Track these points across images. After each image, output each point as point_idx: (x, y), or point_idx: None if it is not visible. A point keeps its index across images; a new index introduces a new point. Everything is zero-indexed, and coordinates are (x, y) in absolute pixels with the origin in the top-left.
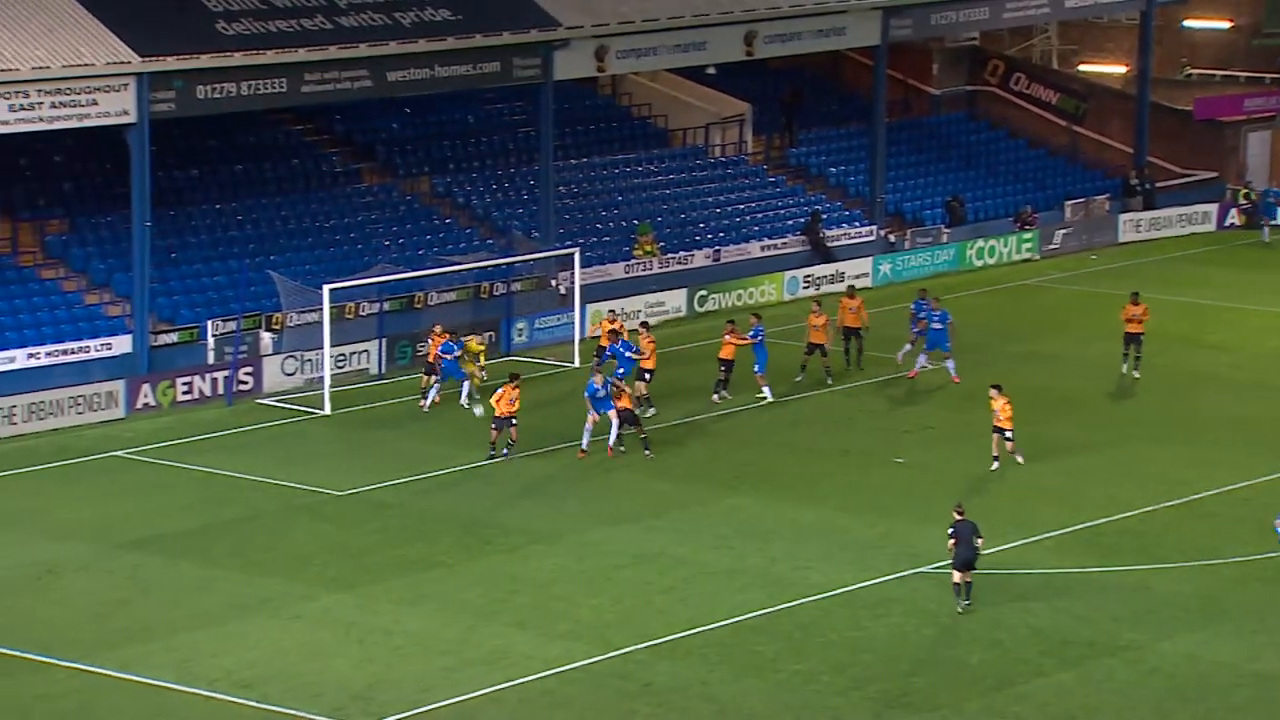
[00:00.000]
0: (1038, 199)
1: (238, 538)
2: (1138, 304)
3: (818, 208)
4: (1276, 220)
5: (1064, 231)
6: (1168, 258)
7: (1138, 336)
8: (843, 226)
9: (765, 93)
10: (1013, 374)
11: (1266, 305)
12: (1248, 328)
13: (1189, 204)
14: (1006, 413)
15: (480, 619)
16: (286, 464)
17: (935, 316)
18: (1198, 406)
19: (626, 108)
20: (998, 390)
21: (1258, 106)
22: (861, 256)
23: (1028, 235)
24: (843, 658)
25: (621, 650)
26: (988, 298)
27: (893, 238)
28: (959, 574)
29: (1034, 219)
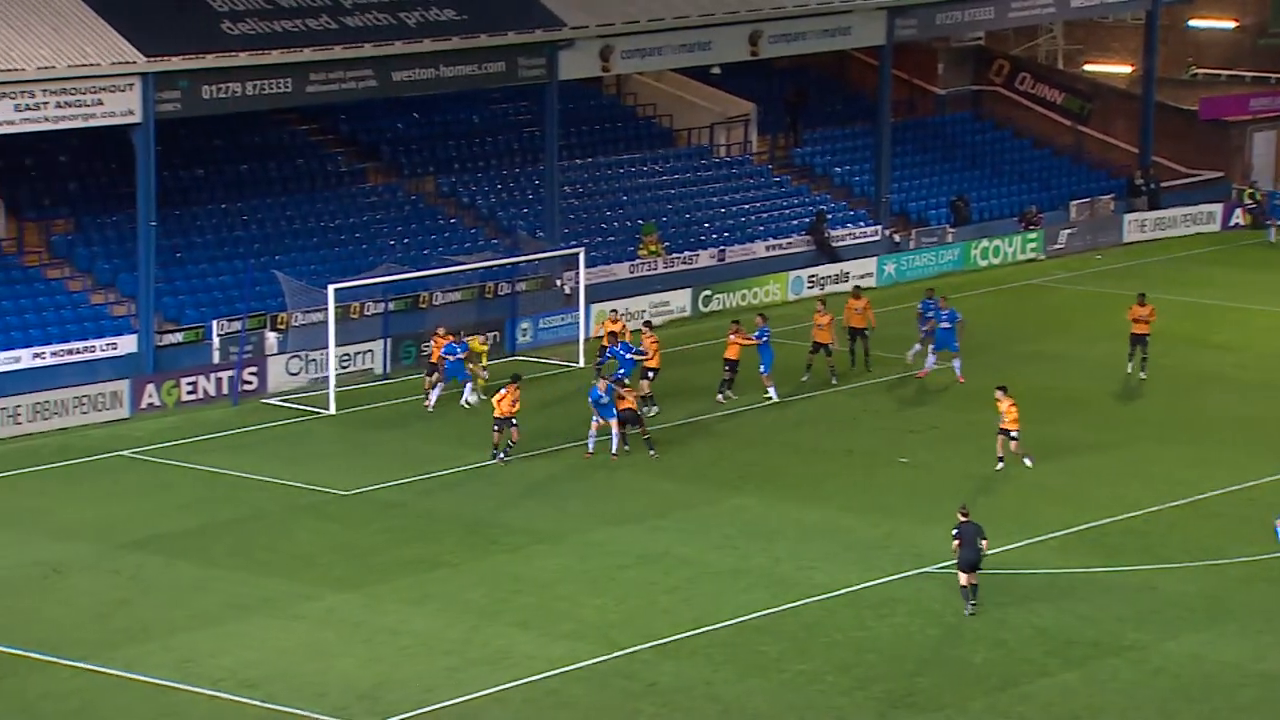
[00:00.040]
0: (1043, 199)
1: (242, 537)
2: (1144, 305)
3: (823, 208)
4: None
5: (1069, 231)
6: (1172, 258)
7: (1144, 338)
8: (847, 226)
9: (770, 93)
10: (1017, 374)
11: (1272, 305)
12: (1253, 328)
13: (1194, 204)
14: (1012, 414)
15: (484, 619)
16: (291, 464)
17: (944, 316)
18: (1203, 407)
19: (631, 107)
20: (1003, 392)
21: (1263, 106)
22: (866, 256)
23: (1032, 235)
24: (847, 658)
25: (626, 650)
26: (992, 298)
27: (897, 238)
28: (964, 576)
29: (1039, 219)
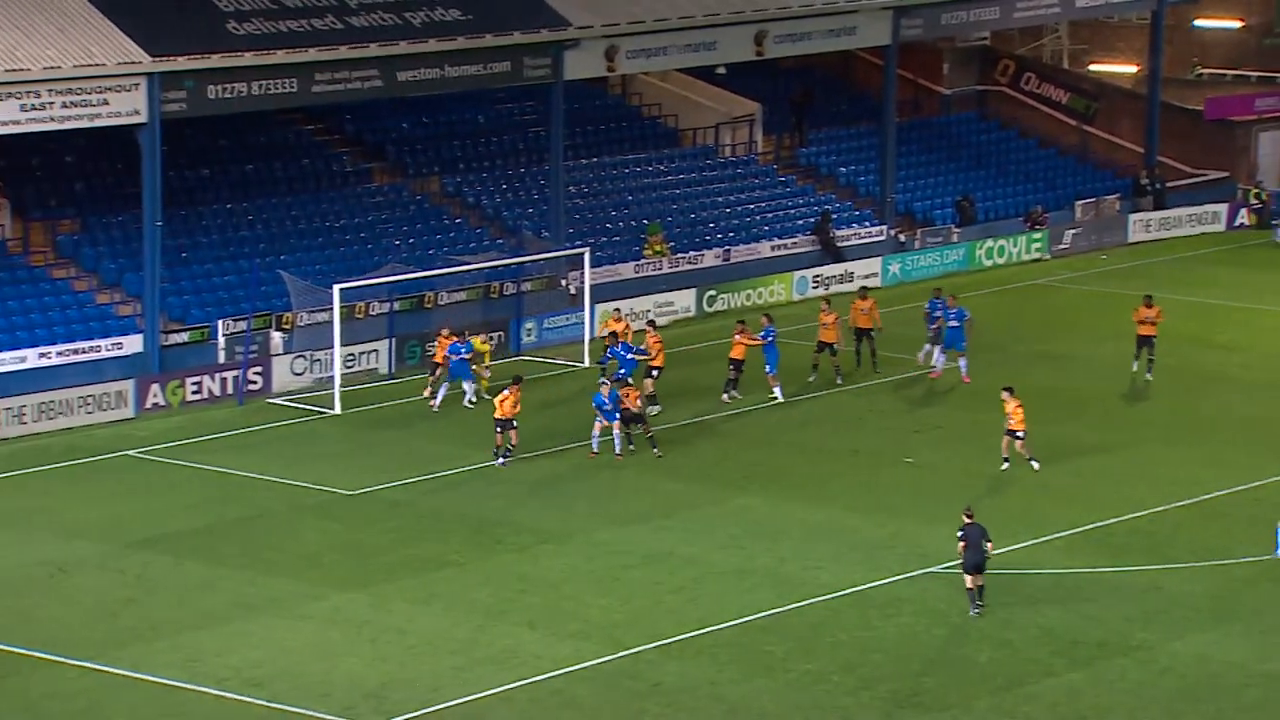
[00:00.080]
0: (1048, 199)
1: (247, 537)
2: (1151, 306)
3: (828, 207)
4: None
5: (1074, 231)
6: (1177, 258)
7: (1150, 339)
8: (853, 226)
9: (775, 93)
10: (1022, 374)
11: (1277, 305)
12: (1258, 328)
13: (1199, 204)
14: (1018, 415)
15: (490, 618)
16: (296, 463)
17: (951, 314)
18: (1208, 407)
19: (637, 107)
20: (1009, 393)
21: (1269, 106)
22: (871, 256)
23: (1037, 235)
24: (852, 657)
25: (631, 650)
26: (997, 298)
27: (903, 237)
28: (970, 579)
29: (1044, 219)
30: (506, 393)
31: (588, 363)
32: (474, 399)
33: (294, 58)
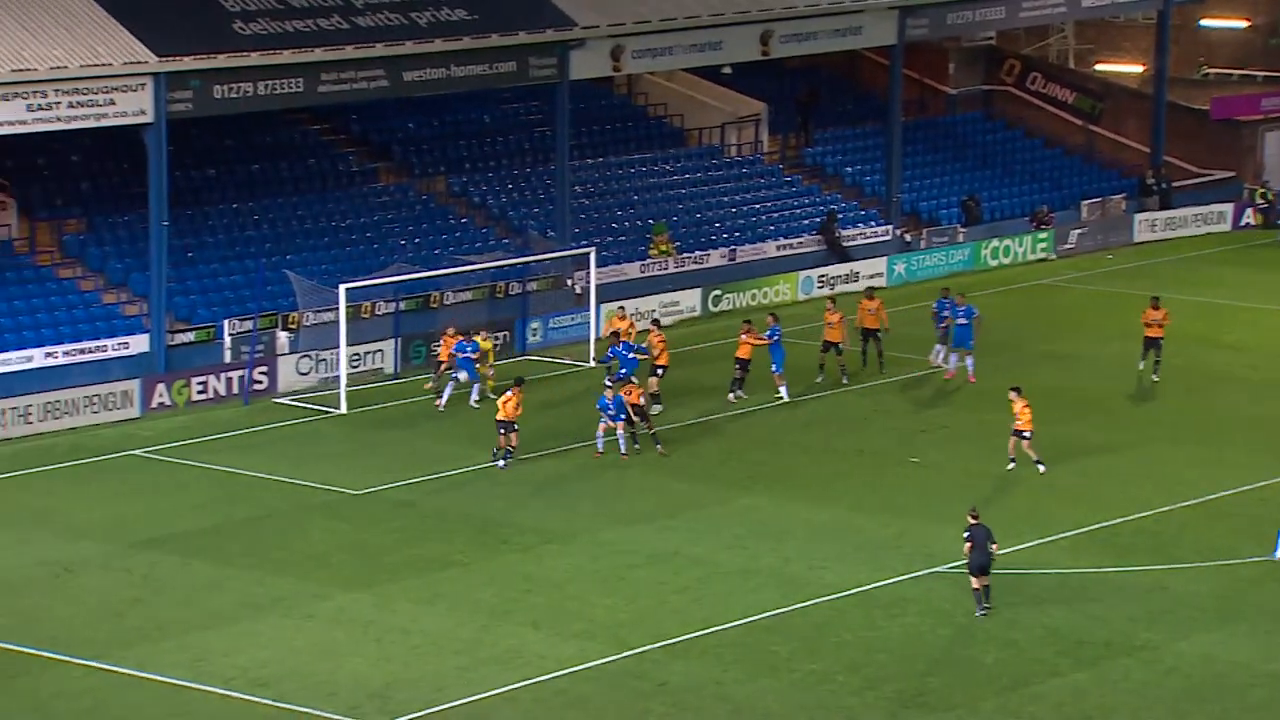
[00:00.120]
0: (1054, 199)
1: (253, 537)
2: (1158, 308)
3: (833, 207)
4: None
5: (1080, 231)
6: (1183, 258)
7: (1157, 341)
8: (858, 226)
9: (781, 92)
10: (1028, 374)
11: None
12: (1264, 328)
13: (1205, 204)
14: (1026, 415)
15: (495, 618)
16: (302, 463)
17: (960, 312)
18: (1214, 406)
19: (642, 107)
20: (1017, 392)
21: (1275, 106)
22: (877, 256)
23: (1043, 235)
24: (858, 657)
25: (636, 650)
26: (1003, 298)
27: (908, 237)
28: (976, 579)
29: (1050, 219)
30: (509, 394)
31: (593, 363)
32: (475, 399)
33: (300, 58)
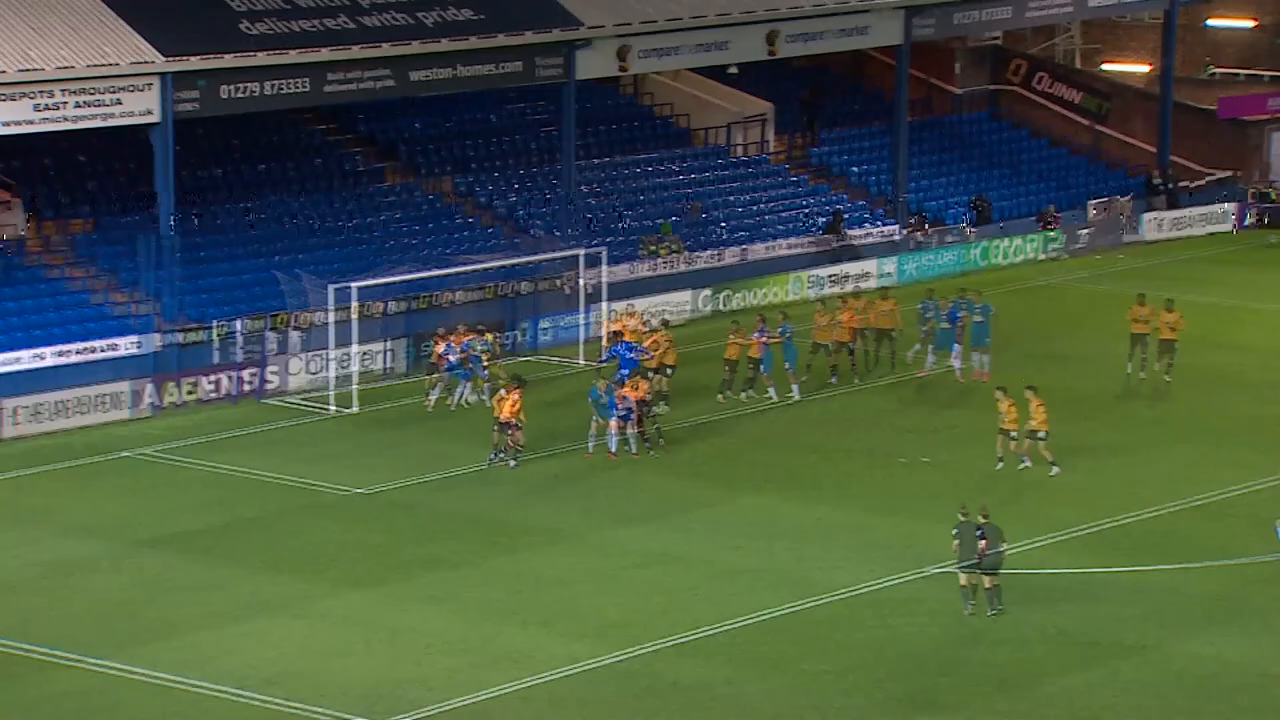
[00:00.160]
0: (1060, 199)
1: (258, 536)
2: (1171, 311)
3: (840, 207)
4: None
5: (1086, 231)
6: (1190, 257)
7: (1171, 343)
8: (865, 226)
9: (787, 92)
10: (1035, 374)
11: None
12: (1269, 328)
13: (1211, 203)
14: (1040, 415)
15: (500, 618)
16: (307, 462)
17: (977, 310)
18: (1219, 407)
19: (648, 107)
20: (1033, 391)
21: None
22: (883, 256)
23: (1050, 235)
24: (867, 657)
25: (646, 649)
26: (1009, 297)
27: (916, 237)
28: (987, 578)
29: (1057, 218)
30: (504, 393)
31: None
32: (478, 398)
33: (306, 57)
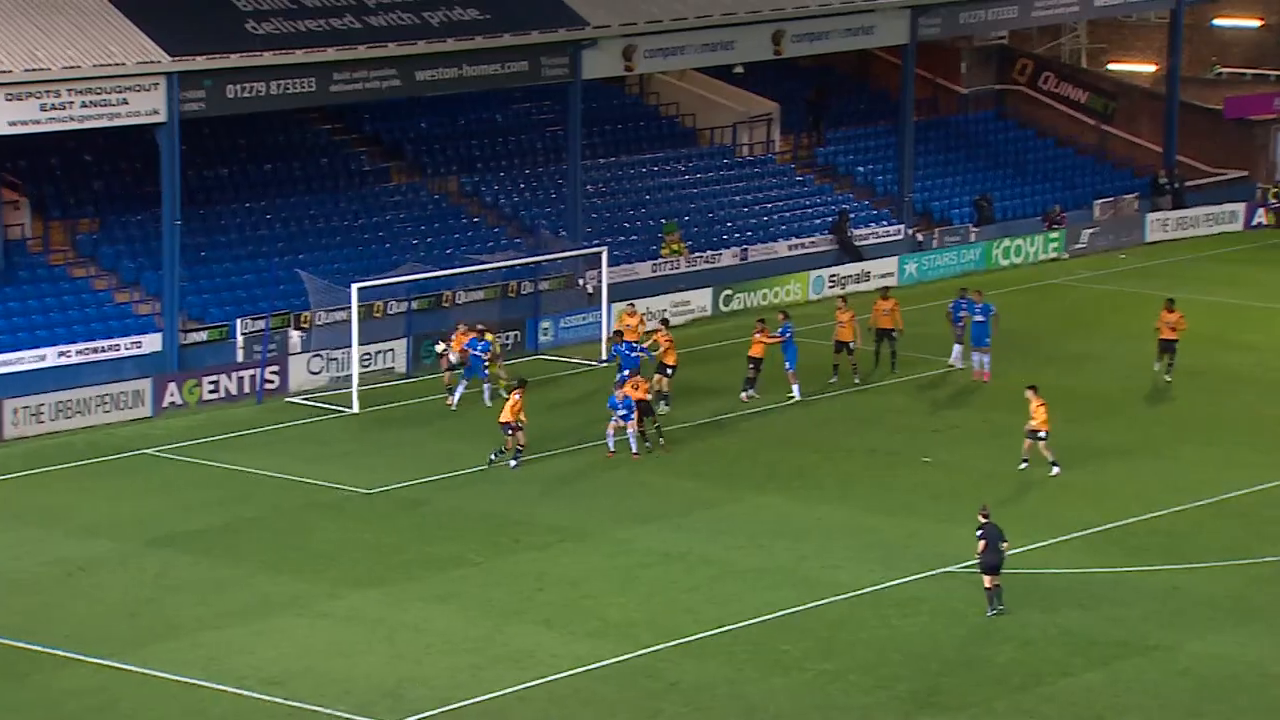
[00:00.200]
0: (1066, 198)
1: (265, 535)
2: (1172, 311)
3: (845, 207)
4: None
5: (1092, 231)
6: (1196, 257)
7: (1172, 344)
8: (870, 225)
9: (793, 92)
10: (1040, 374)
11: None
12: (1277, 328)
13: (1218, 203)
14: (1041, 415)
15: (508, 617)
16: (314, 462)
17: (978, 310)
18: (1227, 406)
19: (654, 107)
20: (1034, 391)
21: None
22: (889, 255)
23: (1055, 234)
24: (871, 657)
25: (649, 649)
26: (1015, 297)
27: (920, 237)
28: (988, 578)
29: (1062, 218)
30: (504, 394)
31: (605, 360)
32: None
33: (312, 57)
